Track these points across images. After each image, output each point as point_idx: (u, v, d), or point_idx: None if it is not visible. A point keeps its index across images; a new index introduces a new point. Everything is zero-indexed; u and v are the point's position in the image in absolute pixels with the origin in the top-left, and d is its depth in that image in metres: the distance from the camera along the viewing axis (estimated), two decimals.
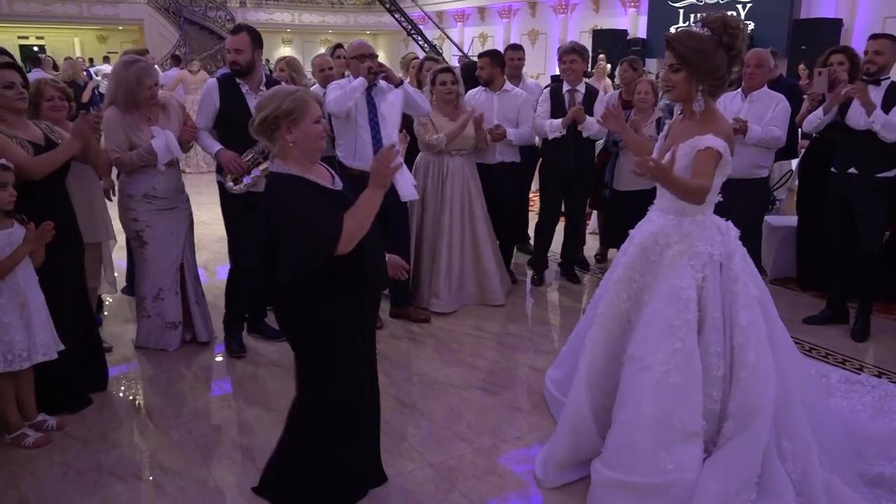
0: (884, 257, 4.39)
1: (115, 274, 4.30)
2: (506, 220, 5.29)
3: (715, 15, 2.53)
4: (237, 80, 3.82)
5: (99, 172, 3.79)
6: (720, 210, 2.77)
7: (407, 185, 2.27)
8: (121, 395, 3.53)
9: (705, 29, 2.51)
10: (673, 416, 2.46)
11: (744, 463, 2.45)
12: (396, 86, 4.14)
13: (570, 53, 4.86)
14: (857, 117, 3.99)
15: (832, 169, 4.24)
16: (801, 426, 2.54)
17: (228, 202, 3.92)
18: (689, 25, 3.33)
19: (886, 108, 3.89)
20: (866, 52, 4.05)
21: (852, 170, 4.09)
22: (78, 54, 19.32)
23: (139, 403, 3.43)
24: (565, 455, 2.76)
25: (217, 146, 3.82)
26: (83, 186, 3.47)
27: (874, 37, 4.09)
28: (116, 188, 4.07)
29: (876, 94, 3.94)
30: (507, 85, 5.01)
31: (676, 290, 2.55)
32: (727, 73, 2.56)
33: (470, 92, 5.14)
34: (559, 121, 4.77)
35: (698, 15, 3.24)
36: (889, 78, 4.04)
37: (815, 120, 4.29)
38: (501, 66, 5.01)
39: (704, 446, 2.52)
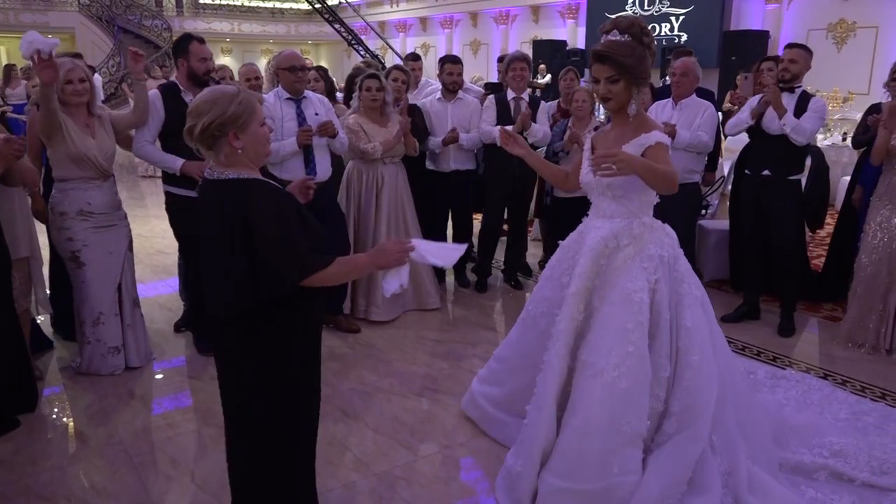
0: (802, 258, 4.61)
1: (48, 292, 4.14)
2: (460, 229, 5.36)
3: (626, 19, 2.57)
4: (180, 90, 3.76)
5: (27, 188, 3.65)
6: (654, 213, 2.83)
7: (393, 283, 2.13)
8: (52, 416, 3.40)
9: (625, 35, 2.54)
10: (622, 420, 2.46)
11: (684, 460, 2.50)
12: (333, 137, 4.14)
13: (519, 61, 4.94)
14: (771, 122, 4.23)
15: (746, 171, 4.51)
16: (730, 421, 2.63)
17: (182, 210, 3.82)
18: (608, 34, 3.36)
19: (798, 114, 4.16)
20: (782, 60, 4.30)
21: (766, 172, 4.35)
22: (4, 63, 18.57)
23: (71, 424, 3.31)
24: (537, 481, 2.61)
25: (179, 160, 3.73)
26: (4, 199, 3.32)
27: (790, 46, 4.36)
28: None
29: (789, 100, 4.21)
30: (460, 94, 5.12)
31: (629, 293, 2.54)
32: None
33: (425, 100, 5.19)
34: (509, 128, 4.82)
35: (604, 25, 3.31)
36: (801, 86, 4.31)
37: (739, 123, 4.45)
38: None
39: (644, 445, 2.56)
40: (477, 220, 5.60)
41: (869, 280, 4.13)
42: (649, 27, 2.62)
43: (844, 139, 8.89)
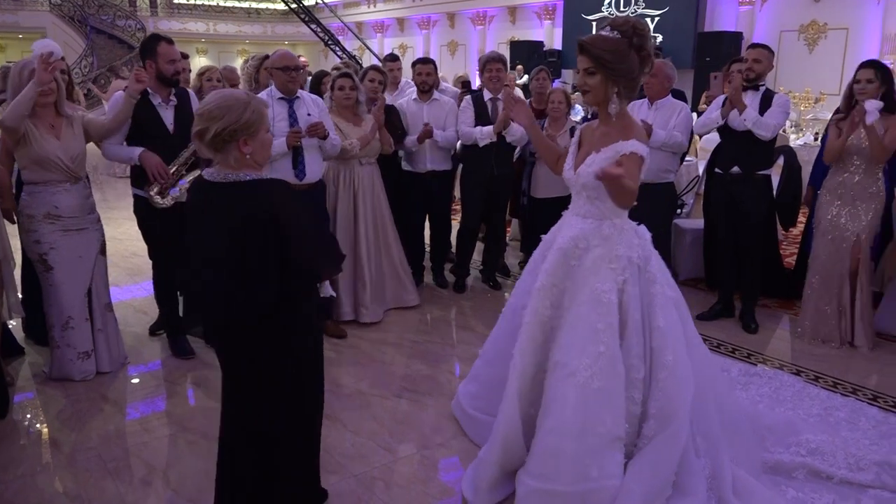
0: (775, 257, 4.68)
1: (20, 295, 4.07)
2: (437, 229, 5.37)
3: (622, 18, 2.55)
4: (148, 92, 3.70)
5: None
6: (630, 213, 2.84)
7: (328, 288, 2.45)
8: (24, 422, 3.34)
9: (615, 32, 2.51)
10: (597, 421, 2.44)
11: (665, 462, 2.49)
12: (323, 138, 4.09)
13: (495, 62, 4.96)
14: (736, 118, 4.30)
15: (717, 170, 4.57)
16: (712, 423, 2.64)
17: (151, 215, 3.77)
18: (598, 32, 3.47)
19: (763, 110, 4.26)
20: (746, 60, 4.38)
21: (735, 169, 4.43)
22: None
23: (44, 430, 3.26)
24: (497, 472, 2.67)
25: (137, 149, 3.65)
26: None
27: (753, 46, 4.46)
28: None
29: (753, 97, 4.31)
30: (435, 94, 5.12)
31: (598, 294, 2.54)
32: (640, 74, 2.57)
33: (401, 101, 5.20)
34: (490, 128, 4.84)
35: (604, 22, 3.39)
36: (765, 84, 4.41)
37: (708, 123, 4.51)
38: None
39: (625, 450, 2.55)
40: (455, 220, 5.62)
41: (824, 275, 4.22)
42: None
43: (816, 139, 9.04)
